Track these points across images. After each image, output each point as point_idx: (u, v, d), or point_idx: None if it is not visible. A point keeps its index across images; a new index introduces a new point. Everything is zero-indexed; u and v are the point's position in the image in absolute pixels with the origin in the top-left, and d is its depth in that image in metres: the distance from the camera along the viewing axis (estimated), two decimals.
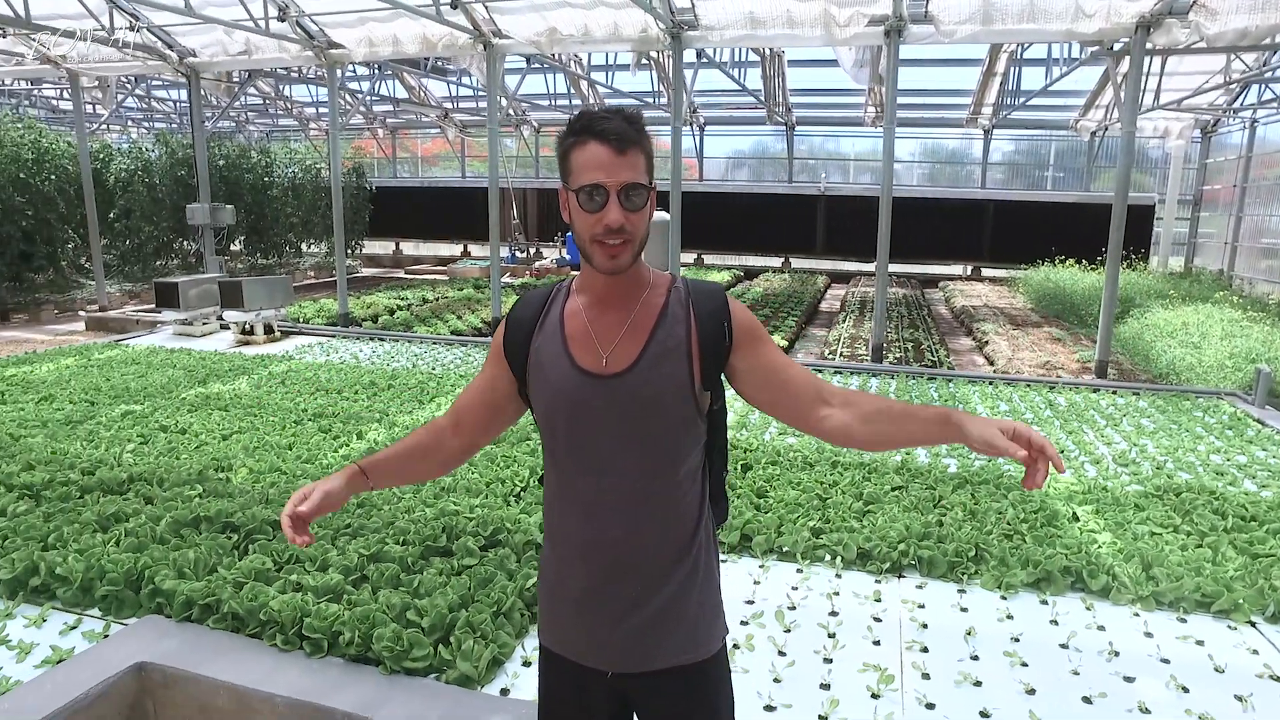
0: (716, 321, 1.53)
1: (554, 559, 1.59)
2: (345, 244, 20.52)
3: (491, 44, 8.68)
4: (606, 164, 1.39)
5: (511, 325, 1.59)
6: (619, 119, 1.40)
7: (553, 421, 1.53)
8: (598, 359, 1.49)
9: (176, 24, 9.62)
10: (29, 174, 12.51)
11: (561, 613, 1.59)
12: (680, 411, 1.50)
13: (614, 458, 1.49)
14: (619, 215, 1.40)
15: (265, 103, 18.70)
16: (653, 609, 1.52)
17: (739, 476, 4.70)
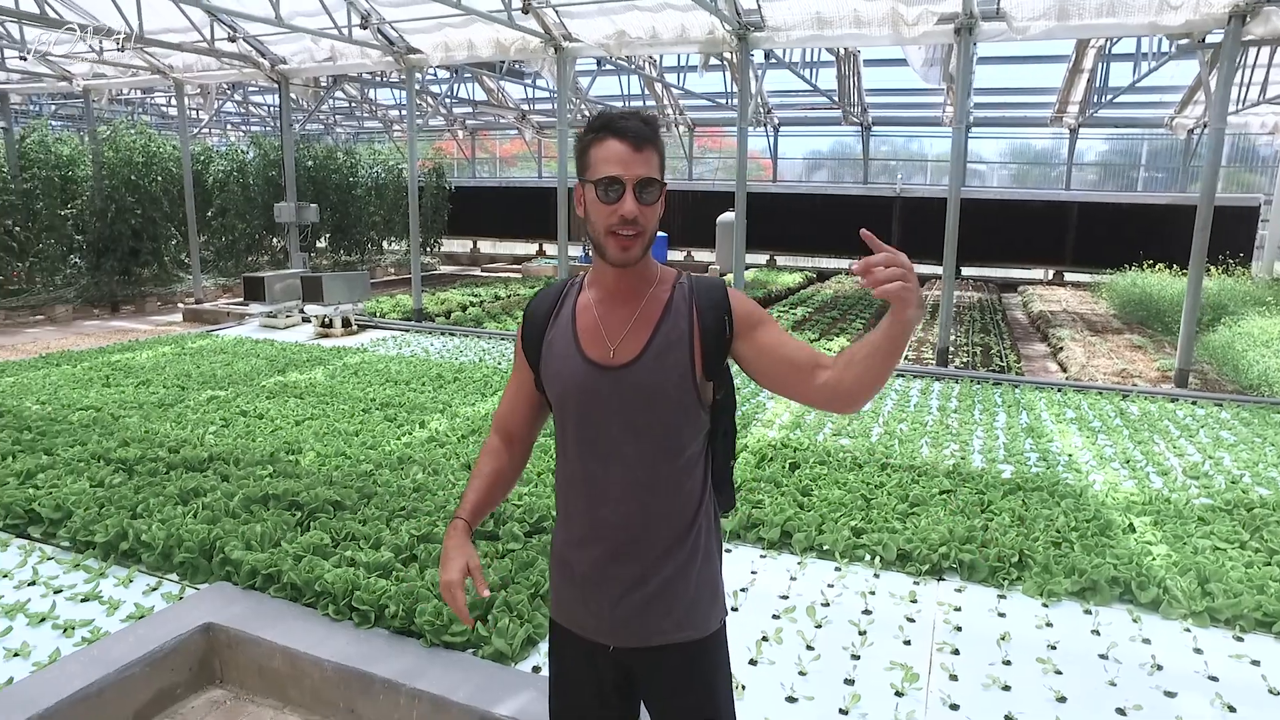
0: (717, 314, 1.60)
1: (563, 538, 1.68)
2: (424, 242, 21.46)
3: (562, 47, 8.89)
4: (624, 159, 1.48)
5: (528, 320, 1.69)
6: (636, 119, 1.50)
7: (563, 410, 1.62)
8: (605, 351, 1.58)
9: (268, 34, 10.18)
10: (139, 176, 13.40)
11: (569, 589, 1.66)
12: (682, 401, 1.58)
13: (619, 444, 1.57)
14: (634, 206, 1.48)
15: (351, 106, 19.48)
16: (652, 588, 1.60)
17: (786, 475, 4.73)
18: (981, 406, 6.69)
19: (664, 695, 1.69)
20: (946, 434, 5.85)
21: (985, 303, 13.89)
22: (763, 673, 2.95)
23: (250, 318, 11.20)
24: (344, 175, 18.97)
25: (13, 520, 4.12)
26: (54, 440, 5.10)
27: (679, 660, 1.65)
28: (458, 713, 2.68)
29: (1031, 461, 5.30)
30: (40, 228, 12.57)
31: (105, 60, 11.36)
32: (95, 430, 5.32)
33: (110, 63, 11.50)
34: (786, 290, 14.95)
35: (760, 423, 6.03)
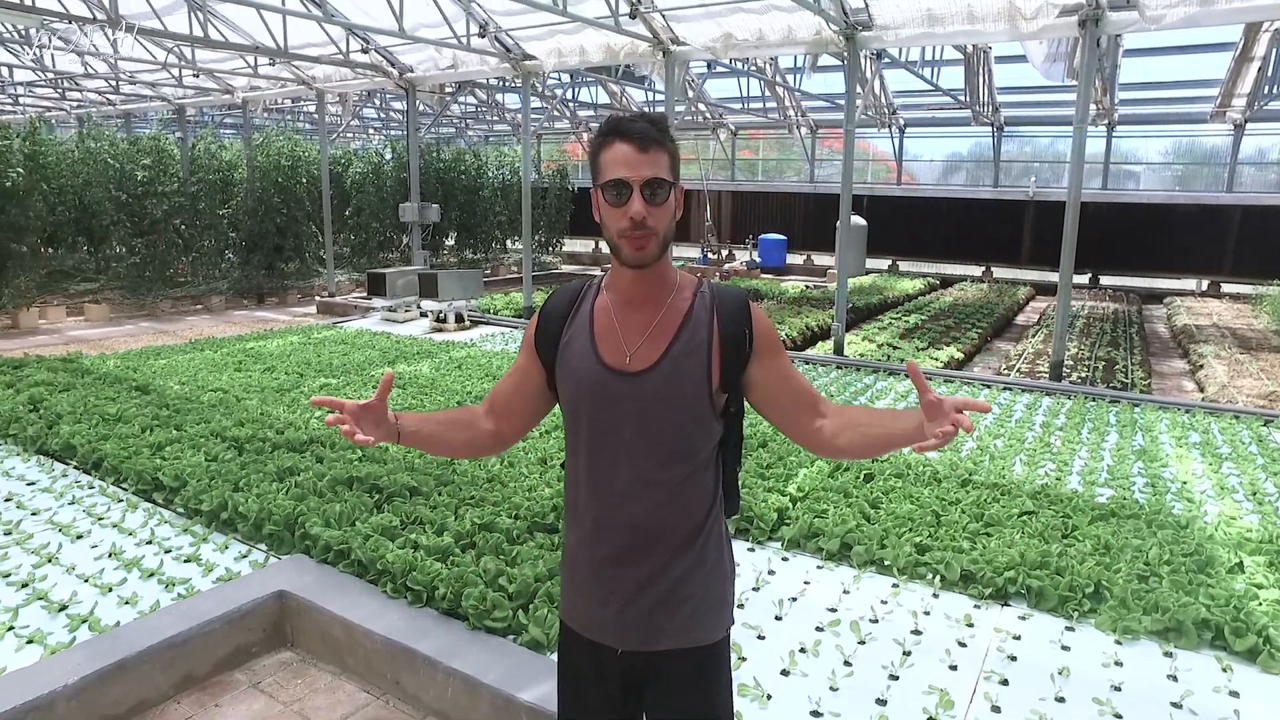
0: (739, 327, 1.60)
1: (572, 540, 1.68)
2: (546, 242, 22.13)
3: (670, 51, 8.97)
4: (631, 161, 1.48)
5: (544, 319, 1.68)
6: (643, 121, 1.51)
7: (577, 412, 1.61)
8: (622, 356, 1.57)
9: (396, 44, 10.82)
10: (285, 178, 14.56)
11: (578, 591, 1.67)
12: (696, 410, 1.58)
13: (631, 449, 1.56)
14: (641, 207, 1.48)
15: (479, 110, 20.33)
16: (658, 591, 1.60)
17: (858, 485, 4.61)
18: (1091, 425, 6.25)
19: (665, 701, 1.67)
20: (1044, 453, 5.51)
21: (1122, 314, 12.90)
22: (793, 685, 2.91)
23: (373, 311, 11.93)
24: (471, 177, 19.85)
25: (142, 486, 4.62)
26: (184, 417, 5.65)
27: (683, 666, 1.64)
28: (486, 694, 2.80)
29: (1137, 487, 4.92)
30: (202, 226, 13.87)
31: (259, 74, 12.42)
32: (219, 410, 5.86)
33: (264, 76, 12.56)
34: (904, 296, 14.43)
35: None
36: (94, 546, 3.96)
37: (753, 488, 4.49)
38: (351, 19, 9.75)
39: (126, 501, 4.50)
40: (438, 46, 9.93)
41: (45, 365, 7.17)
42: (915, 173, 19.92)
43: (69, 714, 2.80)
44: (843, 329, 8.49)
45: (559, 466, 4.87)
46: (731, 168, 21.59)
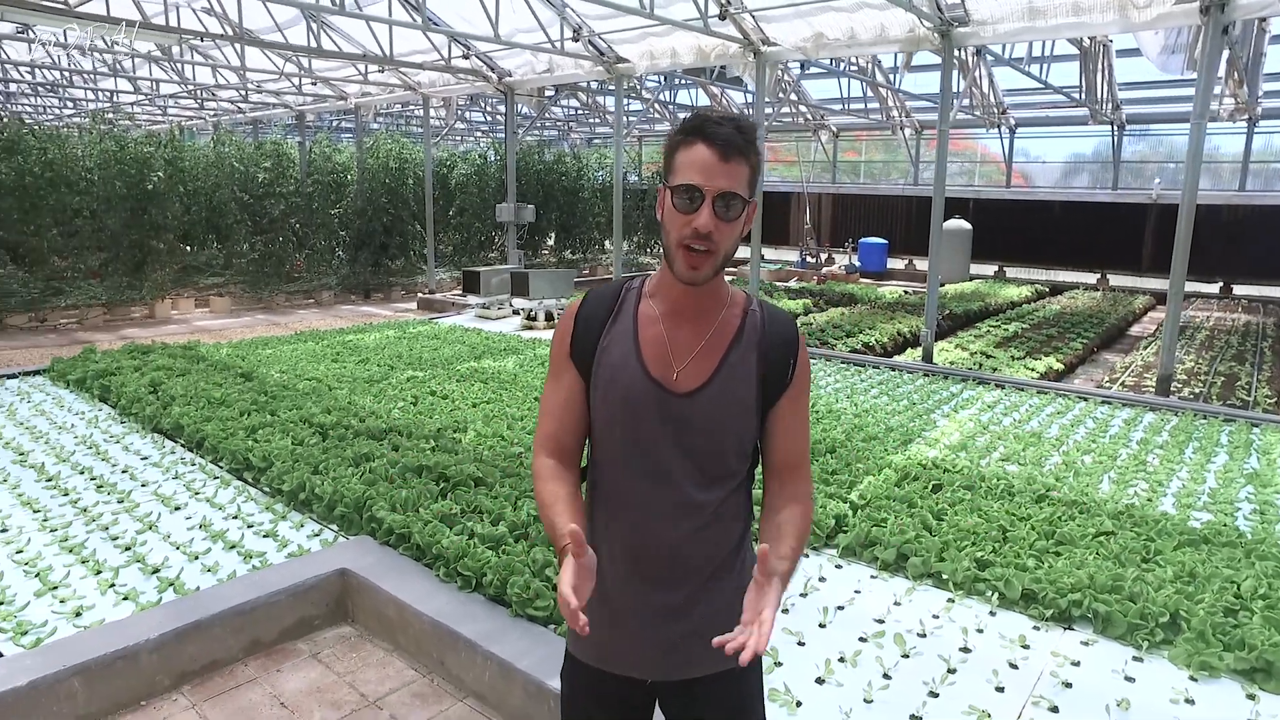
0: (785, 355, 1.53)
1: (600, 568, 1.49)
2: (644, 243, 22.30)
3: (760, 51, 8.90)
4: (708, 168, 1.37)
5: (582, 322, 1.55)
6: (731, 126, 1.38)
7: (613, 424, 1.50)
8: (669, 371, 1.48)
9: (496, 49, 11.18)
10: (392, 179, 15.28)
11: (599, 622, 1.50)
12: (740, 433, 1.52)
13: (671, 470, 1.48)
14: (709, 220, 1.37)
15: (581, 113, 20.70)
16: (696, 619, 1.52)
17: (924, 496, 4.45)
18: (1198, 445, 5.81)
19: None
20: (1138, 471, 5.17)
21: (1255, 327, 11.90)
22: (826, 694, 2.85)
23: (468, 308, 12.35)
24: (572, 178, 20.26)
25: (235, 465, 4.97)
26: (280, 403, 6.03)
27: (720, 691, 1.58)
28: (519, 679, 2.88)
29: (1241, 514, 4.55)
30: (316, 225, 14.73)
31: (370, 81, 13.09)
32: (311, 398, 6.22)
33: (374, 82, 13.23)
34: (1007, 304, 13.79)
35: (924, 441, 5.69)
36: (188, 518, 4.29)
37: (815, 493, 4.41)
38: (454, 27, 10.14)
39: (220, 479, 4.85)
40: (534, 51, 10.20)
41: (168, 352, 7.79)
42: (1032, 175, 18.99)
43: (150, 665, 3.06)
44: (931, 335, 8.20)
45: None
46: (833, 170, 21.18)
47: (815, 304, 13.22)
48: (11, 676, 2.84)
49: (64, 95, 18.12)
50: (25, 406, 6.45)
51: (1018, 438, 5.78)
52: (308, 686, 3.14)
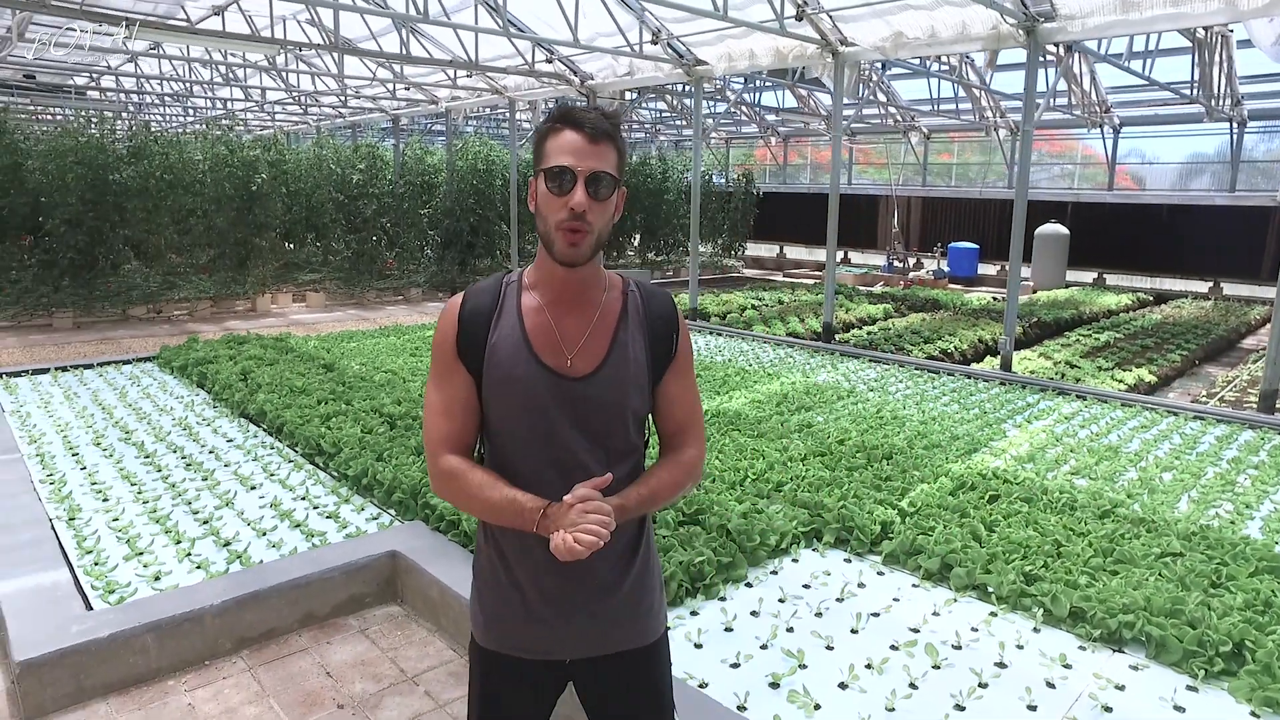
0: (668, 328, 1.61)
1: (505, 556, 1.57)
2: (728, 245, 22.24)
3: (838, 52, 8.78)
4: (578, 150, 1.43)
5: (466, 321, 1.54)
6: (596, 112, 1.46)
7: (511, 418, 1.52)
8: (562, 359, 1.52)
9: (577, 54, 11.40)
10: (480, 181, 15.77)
11: (514, 612, 1.57)
12: (639, 411, 1.58)
13: (575, 452, 1.51)
14: (584, 199, 1.42)
15: (667, 115, 20.81)
16: (614, 601, 1.58)
17: (979, 506, 4.32)
18: None
19: (614, 701, 1.66)
20: (1224, 492, 4.86)
21: None
22: (847, 699, 2.83)
23: None
24: (657, 180, 20.40)
25: (308, 450, 5.27)
26: (355, 393, 6.35)
27: (634, 665, 1.64)
28: None
29: None
30: (406, 224, 15.34)
31: (459, 85, 13.55)
32: (384, 389, 6.52)
33: (462, 87, 13.69)
34: (1103, 312, 13.10)
35: (989, 450, 5.51)
36: (261, 497, 4.59)
37: (863, 498, 4.36)
38: (538, 33, 10.41)
39: (294, 462, 5.15)
40: (614, 54, 10.35)
41: (260, 343, 8.29)
42: (1144, 176, 17.97)
43: (214, 629, 3.31)
44: (1011, 343, 7.91)
45: None
46: (923, 173, 20.59)
47: (897, 309, 12.91)
48: (97, 628, 3.13)
49: (188, 104, 19.47)
50: (135, 390, 7.00)
51: (1092, 451, 5.52)
52: (353, 659, 3.32)
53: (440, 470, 1.54)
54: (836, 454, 5.14)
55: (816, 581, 3.68)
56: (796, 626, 3.29)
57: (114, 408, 6.39)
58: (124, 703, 3.07)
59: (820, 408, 6.54)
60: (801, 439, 5.49)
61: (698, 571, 3.57)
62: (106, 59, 15.19)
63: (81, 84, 18.01)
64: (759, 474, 4.77)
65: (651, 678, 1.69)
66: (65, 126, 12.02)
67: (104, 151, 11.47)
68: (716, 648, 3.13)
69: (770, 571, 3.78)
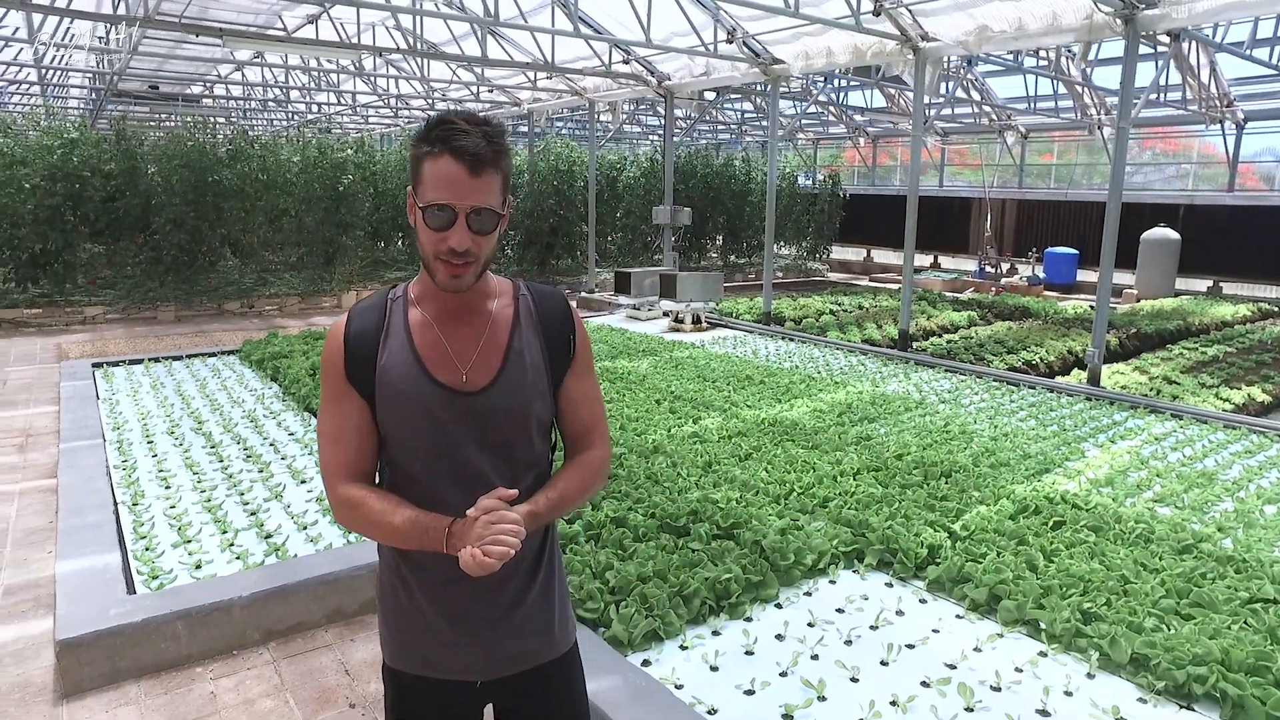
0: (563, 330, 1.57)
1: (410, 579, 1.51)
2: (813, 249, 21.78)
3: (919, 48, 8.40)
4: (458, 184, 1.34)
5: (353, 343, 1.47)
6: (478, 134, 1.35)
7: (409, 439, 1.46)
8: (457, 375, 1.46)
9: (654, 54, 11.34)
10: (561, 181, 15.92)
11: (424, 634, 1.52)
12: (542, 419, 1.54)
13: (479, 470, 1.46)
14: (464, 238, 1.36)
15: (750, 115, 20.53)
16: (520, 615, 1.54)
17: (1041, 533, 4.01)
18: None
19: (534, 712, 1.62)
20: None
21: None
22: None
23: (620, 308, 12.60)
24: (740, 182, 20.15)
25: None
26: None
27: (544, 680, 1.60)
28: None
29: None
30: None
31: (539, 87, 13.71)
32: None
33: (543, 89, 13.84)
34: (1215, 323, 12.12)
35: (1063, 472, 5.13)
36: (310, 492, 4.70)
37: (913, 519, 4.12)
38: (615, 34, 10.41)
39: None
40: (690, 54, 10.24)
41: None
42: (1275, 175, 16.55)
43: (242, 620, 3.39)
44: (1099, 355, 7.38)
45: (726, 468, 4.83)
46: (1020, 174, 19.62)
47: (982, 317, 12.31)
48: (133, 612, 3.25)
49: (287, 109, 20.45)
50: (214, 381, 7.34)
51: (1182, 477, 5.07)
52: (373, 658, 3.34)
53: (338, 500, 1.47)
54: (891, 469, 4.88)
55: (851, 606, 3.48)
56: (822, 654, 3.11)
57: (193, 398, 6.70)
58: (153, 686, 3.17)
59: (885, 419, 6.26)
60: (857, 452, 5.25)
61: (724, 589, 3.43)
62: (217, 68, 16.09)
63: (197, 93, 19.14)
64: (805, 488, 4.57)
65: (567, 691, 1.65)
66: (174, 132, 12.76)
67: (205, 155, 12.13)
68: (733, 672, 2.99)
69: (804, 593, 3.60)
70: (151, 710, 3.03)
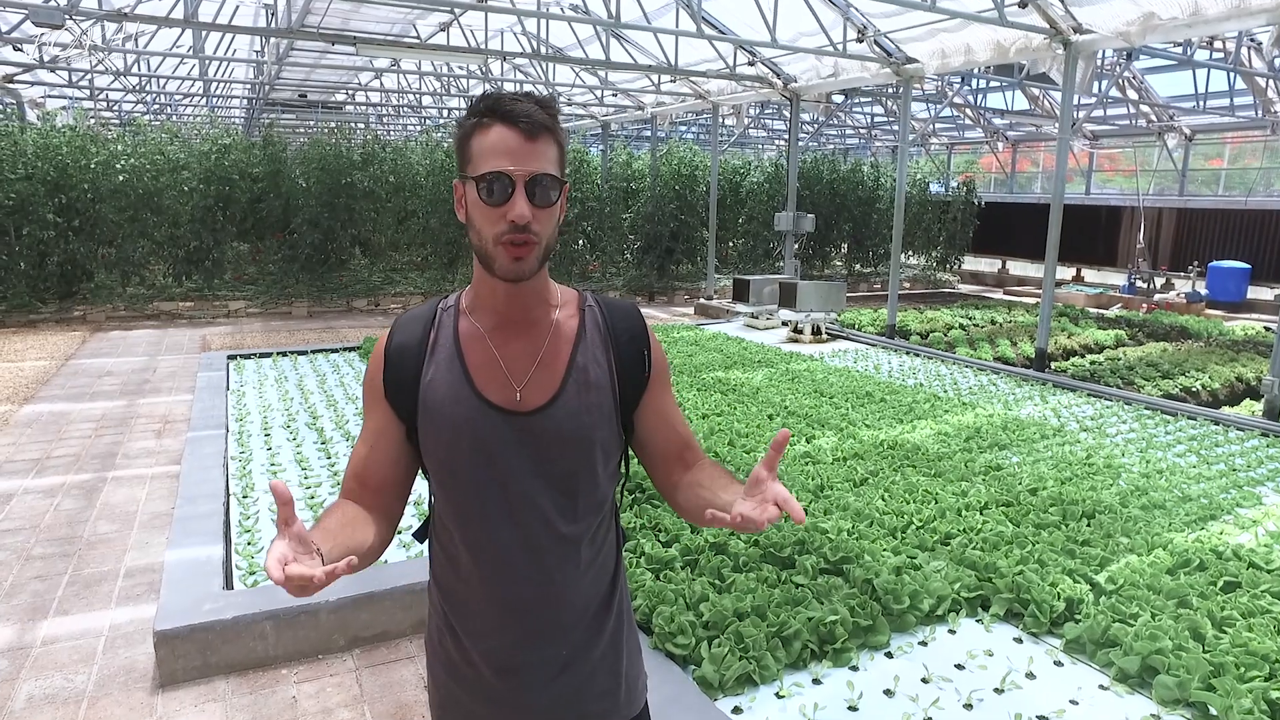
0: (636, 348, 1.38)
1: (457, 626, 1.36)
2: (943, 259, 20.70)
3: (1071, 41, 7.67)
4: (514, 150, 1.20)
5: (393, 357, 1.34)
6: (530, 101, 1.23)
7: (454, 468, 1.30)
8: (510, 392, 1.29)
9: (780, 55, 10.97)
10: (683, 186, 15.78)
11: (470, 688, 1.36)
12: (606, 447, 1.34)
13: (532, 502, 1.29)
14: (526, 208, 1.20)
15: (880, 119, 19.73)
16: (586, 669, 1.36)
17: (1208, 593, 3.45)
18: None
19: None
20: None
21: None
22: None
23: (738, 316, 12.29)
24: (869, 189, 19.39)
25: None
26: None
27: None
28: None
29: None
30: (607, 228, 15.69)
31: (662, 91, 13.61)
32: None
33: (666, 92, 13.73)
34: None
35: (1232, 520, 4.46)
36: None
37: (1049, 564, 3.65)
38: (740, 35, 10.14)
39: None
40: (818, 55, 9.84)
41: None
42: None
43: (329, 624, 3.36)
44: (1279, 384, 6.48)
45: (850, 499, 4.49)
46: (1181, 180, 17.91)
47: (1132, 336, 11.22)
48: (225, 609, 3.27)
49: (422, 115, 21.31)
50: (334, 377, 7.58)
51: None
52: None
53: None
54: (1024, 505, 4.39)
55: (973, 662, 3.09)
56: (936, 718, 2.75)
57: (311, 393, 6.93)
58: (240, 684, 3.17)
59: (1017, 446, 5.71)
60: (985, 483, 4.77)
61: (828, 632, 3.11)
62: (358, 76, 16.92)
63: (340, 100, 20.23)
64: (925, 521, 4.17)
65: None
66: (314, 137, 13.48)
67: (341, 158, 12.73)
68: None
69: (919, 642, 3.23)
70: (236, 710, 3.02)
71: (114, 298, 11.64)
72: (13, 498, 5.01)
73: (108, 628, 3.57)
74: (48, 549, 4.32)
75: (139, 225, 11.88)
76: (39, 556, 4.23)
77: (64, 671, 3.26)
